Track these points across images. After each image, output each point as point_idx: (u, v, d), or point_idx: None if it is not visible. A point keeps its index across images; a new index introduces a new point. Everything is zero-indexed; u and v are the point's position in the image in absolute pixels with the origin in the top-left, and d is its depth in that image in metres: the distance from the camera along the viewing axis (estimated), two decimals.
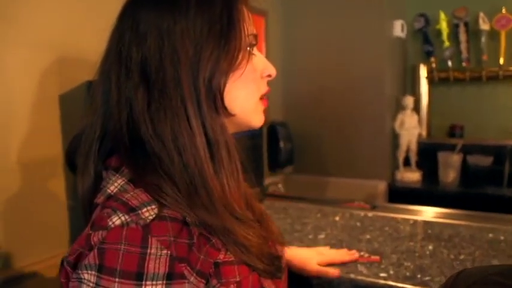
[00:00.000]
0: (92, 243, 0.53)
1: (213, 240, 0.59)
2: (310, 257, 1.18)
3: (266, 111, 0.75)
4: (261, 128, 2.15)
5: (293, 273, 1.24)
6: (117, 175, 0.61)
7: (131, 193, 0.57)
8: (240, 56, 0.64)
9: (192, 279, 0.54)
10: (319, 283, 1.24)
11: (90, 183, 0.64)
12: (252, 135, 2.07)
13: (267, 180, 2.46)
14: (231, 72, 0.63)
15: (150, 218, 0.54)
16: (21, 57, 1.55)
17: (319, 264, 1.18)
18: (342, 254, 1.25)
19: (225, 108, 0.64)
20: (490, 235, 1.48)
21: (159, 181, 0.58)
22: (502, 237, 1.45)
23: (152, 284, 0.51)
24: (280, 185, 2.46)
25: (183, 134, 0.59)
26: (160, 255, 0.52)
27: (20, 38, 1.54)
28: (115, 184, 0.60)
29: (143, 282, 0.51)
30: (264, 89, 0.71)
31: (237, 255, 0.60)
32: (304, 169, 2.72)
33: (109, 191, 0.59)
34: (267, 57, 2.73)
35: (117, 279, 0.50)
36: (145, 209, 0.55)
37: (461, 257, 1.30)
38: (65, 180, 1.71)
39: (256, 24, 2.46)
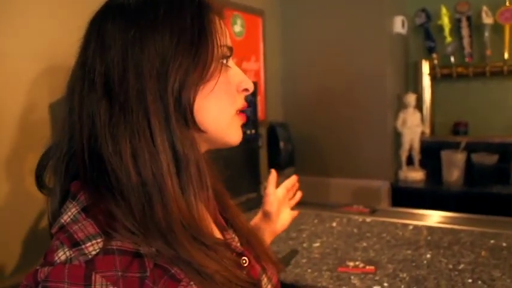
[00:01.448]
0: (38, 279, 0.51)
1: (172, 271, 0.55)
2: (261, 227, 1.01)
3: (265, 113, 0.69)
4: (256, 131, 2.12)
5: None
6: (74, 202, 0.57)
7: (79, 225, 0.54)
8: (211, 68, 0.60)
9: None
10: None
11: (57, 204, 0.62)
12: (248, 138, 2.03)
13: (267, 183, 2.41)
14: (202, 84, 0.60)
15: (94, 252, 0.51)
16: (11, 66, 1.52)
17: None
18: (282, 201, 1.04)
19: (195, 123, 0.60)
20: (492, 241, 1.42)
21: (113, 206, 0.55)
22: (504, 244, 1.40)
23: None
24: None
25: (143, 150, 0.55)
26: None
27: (9, 47, 1.51)
28: (69, 213, 0.56)
29: None
30: (240, 103, 0.66)
31: (200, 284, 0.56)
32: (305, 170, 2.67)
33: (62, 220, 0.56)
34: (266, 57, 2.67)
35: None
36: (89, 243, 0.52)
37: (461, 266, 1.25)
38: None
39: (253, 25, 2.43)
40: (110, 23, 0.59)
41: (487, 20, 2.44)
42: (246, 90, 0.67)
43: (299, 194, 1.07)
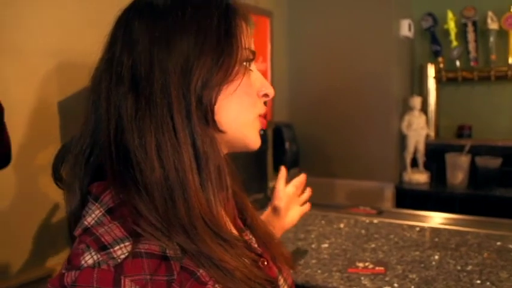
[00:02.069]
0: (65, 283, 0.51)
1: (198, 274, 0.55)
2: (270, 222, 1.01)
3: (271, 113, 0.71)
4: (264, 131, 2.14)
5: None
6: (96, 204, 0.58)
7: (106, 227, 0.54)
8: (235, 69, 0.61)
9: None
10: None
11: (77, 203, 0.62)
12: None
13: (272, 183, 2.44)
14: (225, 84, 0.61)
15: (123, 256, 0.51)
16: (19, 64, 1.54)
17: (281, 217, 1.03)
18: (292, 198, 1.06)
19: (215, 122, 0.61)
20: (499, 243, 1.45)
21: (138, 201, 0.55)
22: (510, 246, 1.42)
23: None
24: None
25: (166, 144, 0.56)
26: None
27: (18, 44, 1.52)
28: (92, 215, 0.57)
29: None
30: (261, 108, 0.67)
31: (223, 282, 0.57)
32: (310, 171, 2.67)
33: (86, 222, 0.56)
34: (273, 58, 2.69)
35: None
36: (117, 247, 0.52)
37: (469, 268, 1.27)
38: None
39: (262, 26, 2.45)
40: (137, 20, 0.60)
41: (493, 25, 2.46)
42: (267, 95, 0.68)
43: (309, 191, 1.09)
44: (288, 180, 1.09)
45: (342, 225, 1.68)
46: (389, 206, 2.50)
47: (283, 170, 1.04)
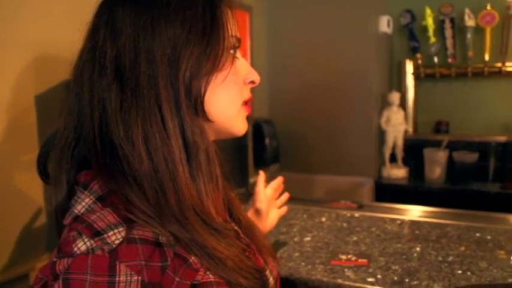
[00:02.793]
0: (57, 271, 0.49)
1: (190, 260, 0.55)
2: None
3: (251, 109, 0.71)
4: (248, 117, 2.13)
5: (283, 282, 1.22)
6: (86, 193, 0.57)
7: (98, 214, 0.53)
8: (222, 58, 0.60)
9: None
10: None
11: (64, 195, 0.60)
12: None
13: (253, 179, 2.43)
14: (214, 73, 0.60)
15: (117, 242, 0.50)
16: None
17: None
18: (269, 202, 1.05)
19: (205, 112, 0.60)
20: (478, 234, 1.47)
21: (128, 191, 0.54)
22: (489, 237, 1.44)
23: None
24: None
25: (155, 136, 0.55)
26: (131, 281, 0.48)
27: None
28: (82, 203, 0.55)
29: None
30: (247, 95, 0.67)
31: (215, 271, 0.56)
32: (290, 167, 2.69)
33: (76, 211, 0.55)
34: (252, 53, 2.67)
35: None
36: (111, 233, 0.51)
37: (450, 258, 1.28)
38: (42, 184, 1.66)
39: (241, 20, 2.43)
40: (120, 8, 0.58)
41: (470, 22, 2.50)
42: (253, 82, 0.68)
43: (286, 195, 1.10)
44: (269, 177, 1.08)
45: (323, 219, 1.68)
46: (369, 201, 2.52)
47: (261, 174, 1.05)
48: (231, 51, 0.63)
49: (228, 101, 0.63)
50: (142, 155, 0.55)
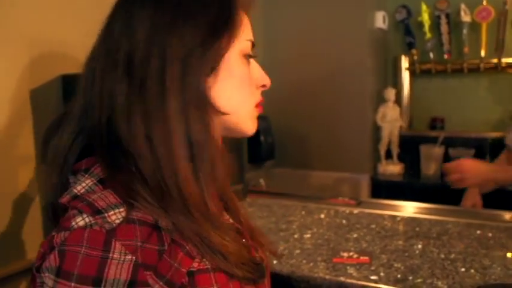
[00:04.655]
0: (54, 244, 0.51)
1: (187, 247, 0.55)
2: None
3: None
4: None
5: (279, 279, 1.20)
6: (86, 175, 0.57)
7: (98, 194, 0.54)
8: (237, 61, 0.64)
9: (157, 287, 0.51)
10: (307, 287, 1.20)
11: (58, 180, 0.61)
12: None
13: (248, 175, 2.40)
14: (227, 76, 0.63)
15: (117, 221, 0.51)
16: None
17: None
18: None
19: (215, 108, 0.62)
20: (478, 232, 1.46)
21: (132, 180, 0.55)
22: (490, 234, 1.44)
23: None
24: (261, 180, 2.41)
25: (158, 132, 0.56)
26: (124, 260, 0.49)
27: None
28: (82, 184, 0.56)
29: None
30: (258, 97, 0.70)
31: (214, 262, 0.57)
32: (285, 163, 2.68)
33: (75, 190, 0.56)
34: None
35: (73, 284, 0.48)
36: (112, 212, 0.52)
37: (452, 256, 1.27)
38: (37, 179, 1.63)
39: None
40: (138, 7, 0.60)
41: (465, 18, 2.49)
42: (264, 86, 0.70)
43: None
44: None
45: (322, 216, 1.66)
46: (365, 197, 2.51)
47: None
48: (246, 54, 0.66)
49: (242, 101, 0.66)
50: (145, 151, 0.56)
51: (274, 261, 1.23)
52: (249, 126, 0.68)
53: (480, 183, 1.80)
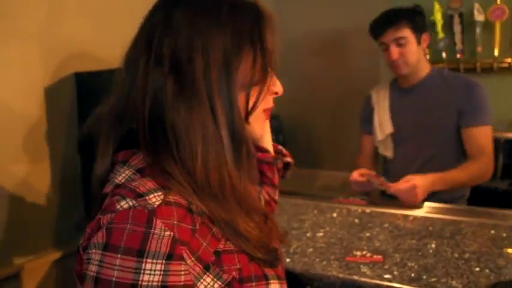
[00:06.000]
0: (101, 224, 0.57)
1: (214, 230, 0.62)
2: None
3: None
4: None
5: (293, 276, 1.20)
6: (124, 167, 0.64)
7: (138, 181, 0.60)
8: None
9: (189, 261, 0.57)
10: (320, 285, 1.20)
11: (107, 167, 0.66)
12: None
13: None
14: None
15: (157, 203, 0.57)
16: (5, 49, 1.47)
17: None
18: None
19: (247, 114, 0.67)
20: (492, 231, 1.45)
21: (170, 163, 0.61)
22: (504, 234, 1.42)
23: (152, 262, 0.54)
24: None
25: (208, 126, 0.62)
26: (163, 236, 0.55)
27: (5, 29, 1.46)
28: (122, 175, 0.63)
29: (144, 260, 0.54)
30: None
31: (237, 244, 0.63)
32: (296, 162, 2.65)
33: (117, 181, 0.62)
34: None
35: (119, 256, 0.54)
36: (152, 195, 0.58)
37: (466, 255, 1.27)
38: (50, 176, 1.64)
39: None
40: (178, 9, 0.65)
41: (479, 17, 2.48)
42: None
43: None
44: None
45: (334, 215, 1.66)
46: (374, 196, 2.49)
47: None
48: (271, 66, 0.69)
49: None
50: (197, 142, 0.61)
51: (288, 260, 1.23)
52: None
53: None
